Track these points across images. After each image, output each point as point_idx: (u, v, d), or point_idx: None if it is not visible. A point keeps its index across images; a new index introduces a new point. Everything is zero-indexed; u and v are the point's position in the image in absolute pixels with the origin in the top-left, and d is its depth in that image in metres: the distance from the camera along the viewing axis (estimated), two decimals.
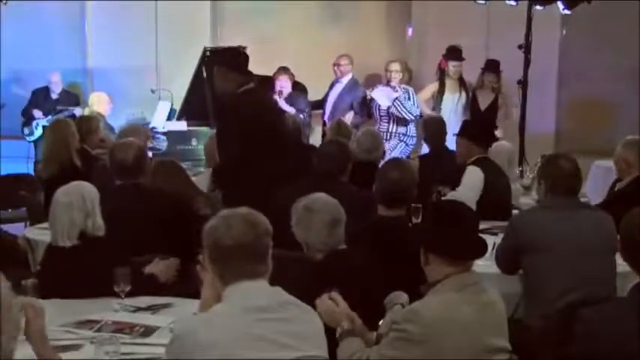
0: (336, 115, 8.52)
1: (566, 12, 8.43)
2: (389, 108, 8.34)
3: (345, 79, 8.85)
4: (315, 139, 8.52)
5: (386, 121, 8.42)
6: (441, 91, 8.62)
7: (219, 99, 5.47)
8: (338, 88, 8.87)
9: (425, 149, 7.44)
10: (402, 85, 8.47)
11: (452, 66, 8.59)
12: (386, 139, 8.23)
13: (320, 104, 9.10)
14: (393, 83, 8.40)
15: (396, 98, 8.29)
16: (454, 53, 8.61)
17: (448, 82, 8.65)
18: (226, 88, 5.40)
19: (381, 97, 8.43)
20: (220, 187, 5.53)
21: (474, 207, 4.83)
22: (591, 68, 9.58)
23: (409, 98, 8.33)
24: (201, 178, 5.78)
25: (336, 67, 8.84)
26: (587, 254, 3.89)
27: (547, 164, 4.23)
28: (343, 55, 8.88)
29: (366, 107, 8.64)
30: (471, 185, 5.37)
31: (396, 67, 8.52)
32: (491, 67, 8.56)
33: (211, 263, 2.70)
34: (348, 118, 8.49)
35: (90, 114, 8.19)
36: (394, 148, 8.32)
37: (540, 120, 9.21)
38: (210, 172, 5.82)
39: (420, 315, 2.75)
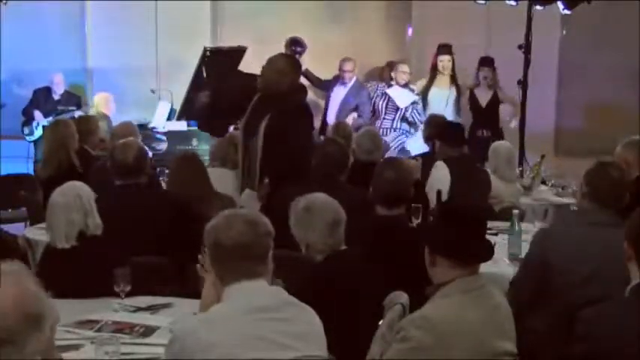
0: (341, 116, 8.62)
1: (566, 12, 8.42)
2: (406, 110, 8.47)
3: (350, 83, 8.90)
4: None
5: (390, 118, 8.53)
6: (426, 88, 8.63)
7: (276, 94, 5.42)
8: (342, 91, 8.90)
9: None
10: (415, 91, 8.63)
11: (440, 61, 8.60)
12: (386, 134, 8.42)
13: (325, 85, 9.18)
14: (401, 83, 8.55)
15: (415, 102, 8.46)
16: (442, 48, 8.63)
17: (439, 78, 8.63)
18: (283, 84, 5.39)
19: (400, 96, 8.52)
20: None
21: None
22: (591, 68, 9.57)
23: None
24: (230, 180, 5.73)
25: (343, 73, 8.87)
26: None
27: (596, 170, 3.88)
28: (348, 60, 8.91)
29: (371, 106, 8.71)
30: (435, 176, 5.54)
31: (405, 68, 8.69)
32: (486, 62, 8.55)
33: (212, 263, 2.70)
34: (350, 119, 8.54)
35: (92, 114, 8.19)
36: (394, 140, 8.45)
37: (540, 120, 9.20)
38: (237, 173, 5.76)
39: (430, 321, 2.71)
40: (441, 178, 5.58)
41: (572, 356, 2.74)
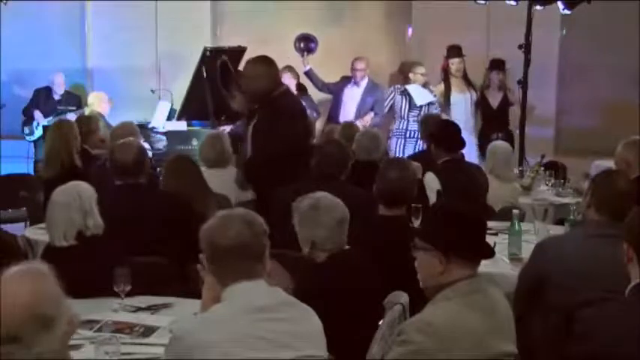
0: (361, 116, 8.71)
1: (566, 12, 8.43)
2: (421, 107, 8.49)
3: (363, 82, 8.91)
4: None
5: (415, 119, 8.50)
6: (446, 93, 8.67)
7: (259, 96, 5.49)
8: (356, 91, 8.92)
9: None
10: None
11: (452, 64, 8.65)
12: (413, 137, 8.48)
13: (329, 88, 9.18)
14: (426, 86, 8.59)
15: (432, 102, 8.49)
16: (453, 50, 8.67)
17: (454, 82, 8.71)
18: (267, 87, 5.44)
19: (418, 94, 8.52)
20: (253, 182, 5.60)
21: None
22: (591, 68, 9.56)
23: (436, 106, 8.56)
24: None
25: (355, 71, 8.89)
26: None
27: (602, 179, 3.80)
28: (360, 59, 8.93)
29: (389, 105, 8.71)
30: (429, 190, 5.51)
31: (422, 70, 8.68)
32: (497, 65, 8.59)
33: (210, 264, 2.70)
34: (369, 119, 8.57)
35: (90, 114, 8.19)
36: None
37: (540, 120, 9.21)
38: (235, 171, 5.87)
39: (432, 325, 2.69)
40: (433, 187, 5.56)
41: (571, 356, 2.74)
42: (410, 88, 8.57)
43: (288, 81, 8.58)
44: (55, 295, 1.96)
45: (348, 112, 8.91)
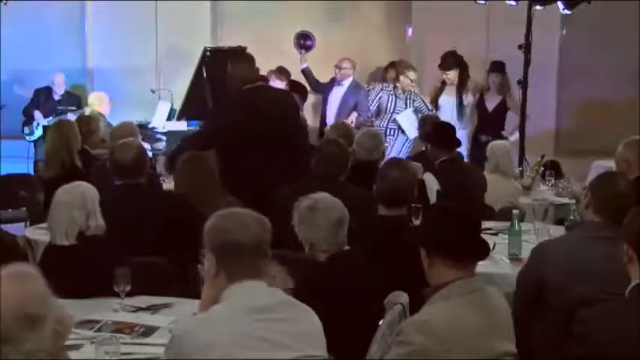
0: (342, 116, 8.60)
1: (566, 12, 8.43)
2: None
3: (346, 82, 8.86)
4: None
5: (394, 120, 8.55)
6: (436, 95, 8.68)
7: (234, 92, 5.64)
8: (339, 91, 8.88)
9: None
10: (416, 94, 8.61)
11: (445, 75, 8.66)
12: (397, 136, 8.49)
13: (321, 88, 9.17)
14: (406, 90, 8.52)
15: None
16: (442, 62, 8.66)
17: (448, 87, 8.70)
18: (238, 84, 5.60)
19: (409, 125, 8.48)
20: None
21: None
22: (591, 68, 9.58)
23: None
24: None
25: (337, 70, 8.85)
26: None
27: (602, 180, 3.79)
28: (346, 59, 8.89)
29: (374, 104, 8.69)
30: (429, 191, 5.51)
31: (413, 76, 8.60)
32: (494, 67, 8.59)
33: (222, 261, 2.67)
34: (353, 118, 8.54)
35: (90, 114, 8.20)
36: (404, 144, 8.43)
37: (540, 120, 9.21)
38: None
39: (431, 325, 2.70)
40: (433, 187, 5.58)
41: (571, 357, 2.74)
42: (401, 119, 8.50)
43: (275, 83, 8.55)
44: (42, 295, 1.97)
45: (330, 112, 8.89)
